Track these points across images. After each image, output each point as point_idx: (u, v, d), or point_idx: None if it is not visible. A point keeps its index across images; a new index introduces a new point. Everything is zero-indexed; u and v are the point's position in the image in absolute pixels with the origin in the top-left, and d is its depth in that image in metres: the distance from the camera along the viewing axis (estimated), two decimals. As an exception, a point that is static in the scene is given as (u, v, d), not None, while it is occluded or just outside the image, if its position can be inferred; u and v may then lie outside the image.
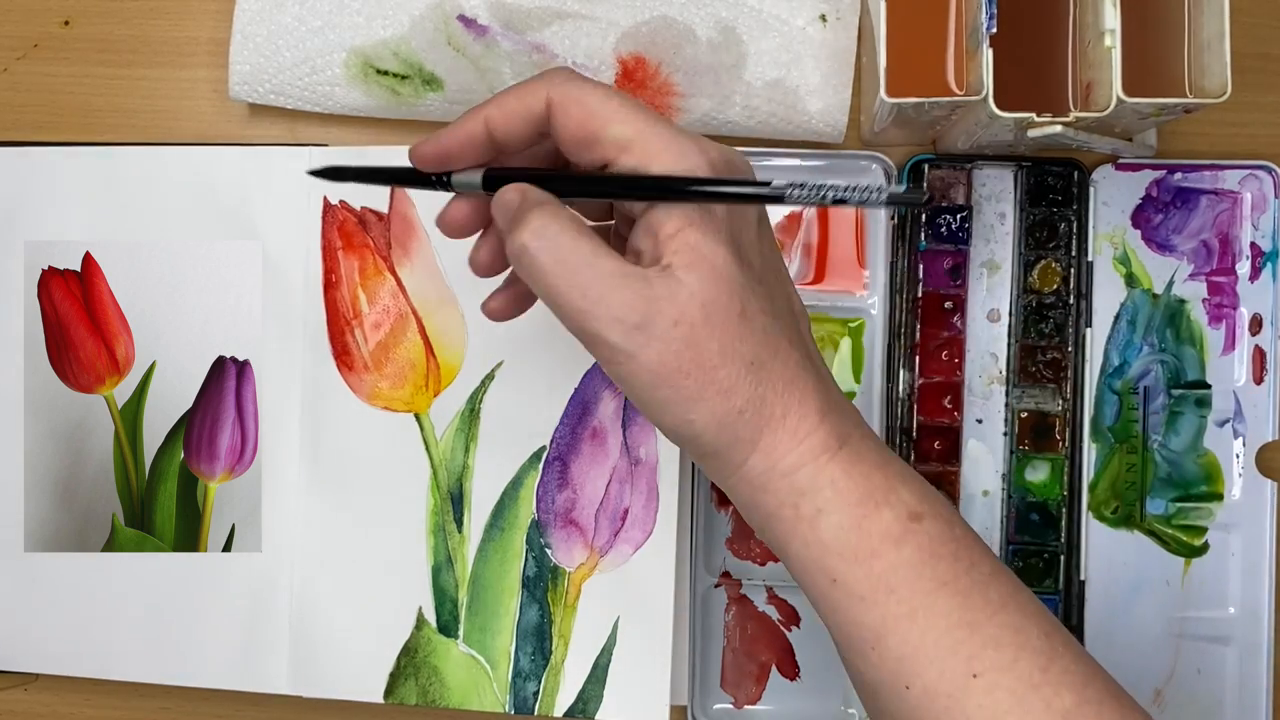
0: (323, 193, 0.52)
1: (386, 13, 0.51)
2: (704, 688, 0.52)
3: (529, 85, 0.36)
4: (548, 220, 0.34)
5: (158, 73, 0.54)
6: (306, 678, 0.51)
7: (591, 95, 0.35)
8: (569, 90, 0.35)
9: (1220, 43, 0.44)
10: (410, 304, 0.51)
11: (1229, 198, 0.51)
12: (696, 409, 0.34)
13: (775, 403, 0.35)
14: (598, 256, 0.34)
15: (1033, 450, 0.51)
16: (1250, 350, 0.51)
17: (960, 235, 0.50)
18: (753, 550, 0.52)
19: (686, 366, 0.34)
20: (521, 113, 0.36)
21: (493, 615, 0.51)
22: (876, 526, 0.35)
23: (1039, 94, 0.48)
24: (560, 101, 0.35)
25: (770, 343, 0.35)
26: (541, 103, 0.36)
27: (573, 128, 0.35)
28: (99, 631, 0.52)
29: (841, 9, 0.51)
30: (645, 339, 0.33)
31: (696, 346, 0.34)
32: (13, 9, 0.54)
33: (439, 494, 0.51)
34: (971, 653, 0.34)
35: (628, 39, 0.51)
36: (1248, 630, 0.51)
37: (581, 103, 0.35)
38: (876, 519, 0.35)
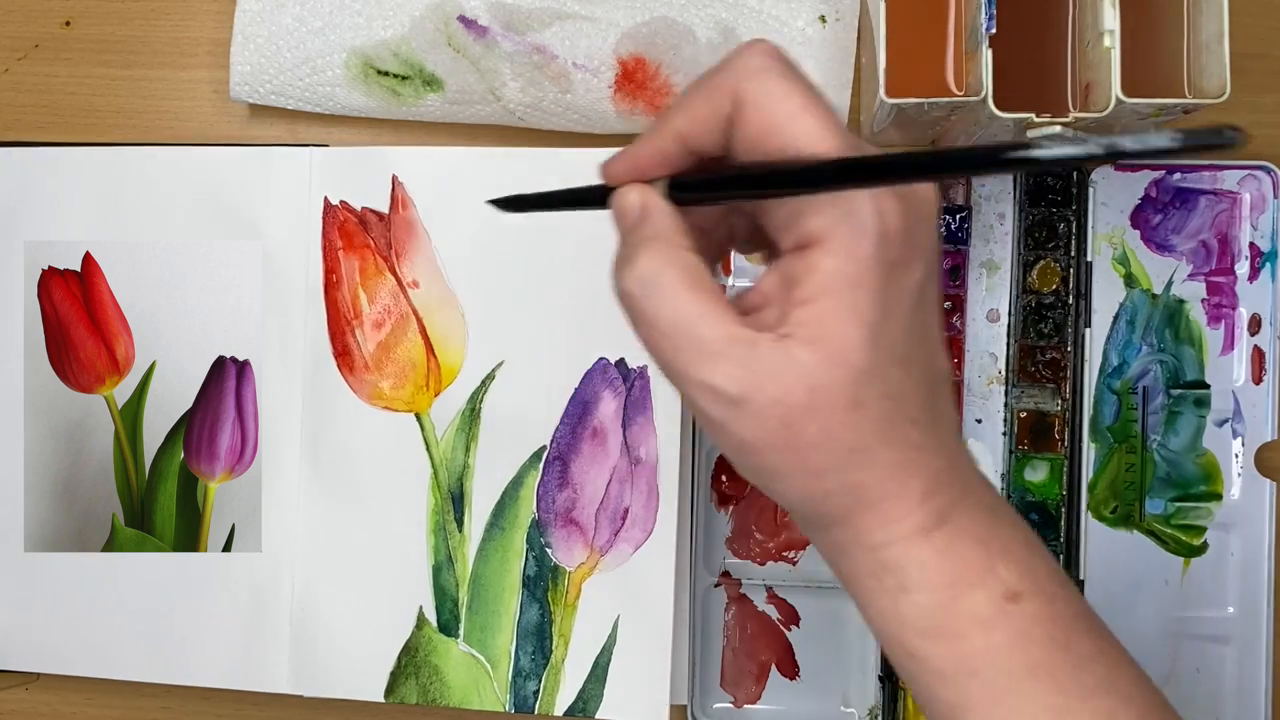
0: (323, 193, 0.52)
1: (387, 14, 0.51)
2: (704, 687, 0.52)
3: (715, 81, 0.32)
4: (659, 268, 0.32)
5: (158, 73, 0.54)
6: (307, 677, 0.51)
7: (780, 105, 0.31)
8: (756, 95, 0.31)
9: (1219, 43, 0.44)
10: (411, 304, 0.51)
11: (1228, 198, 0.51)
12: (781, 482, 0.32)
13: (872, 488, 0.32)
14: (705, 319, 0.31)
15: (1032, 450, 0.51)
16: (1249, 350, 0.51)
17: (959, 235, 0.50)
18: (753, 550, 0.53)
19: (777, 445, 0.31)
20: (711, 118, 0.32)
21: (493, 614, 0.51)
22: (965, 608, 0.32)
23: (1038, 95, 0.48)
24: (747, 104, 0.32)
25: (883, 429, 0.31)
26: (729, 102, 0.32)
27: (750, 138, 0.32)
28: (100, 631, 0.52)
29: (841, 10, 0.51)
30: (739, 413, 0.31)
31: (792, 428, 0.31)
32: (13, 9, 0.54)
33: (439, 494, 0.51)
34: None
35: (628, 40, 0.51)
36: (1246, 630, 0.51)
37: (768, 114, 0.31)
38: (966, 600, 0.32)
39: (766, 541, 0.53)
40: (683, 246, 0.32)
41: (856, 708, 0.52)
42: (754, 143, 0.31)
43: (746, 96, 0.31)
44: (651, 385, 0.50)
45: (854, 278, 0.30)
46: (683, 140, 0.33)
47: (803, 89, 0.31)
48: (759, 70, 0.31)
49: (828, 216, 0.30)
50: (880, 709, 0.51)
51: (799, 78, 0.32)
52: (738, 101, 0.31)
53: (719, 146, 0.33)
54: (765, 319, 0.32)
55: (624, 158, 0.34)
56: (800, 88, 0.31)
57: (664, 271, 0.32)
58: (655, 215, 0.33)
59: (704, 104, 0.32)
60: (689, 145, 0.33)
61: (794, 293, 0.31)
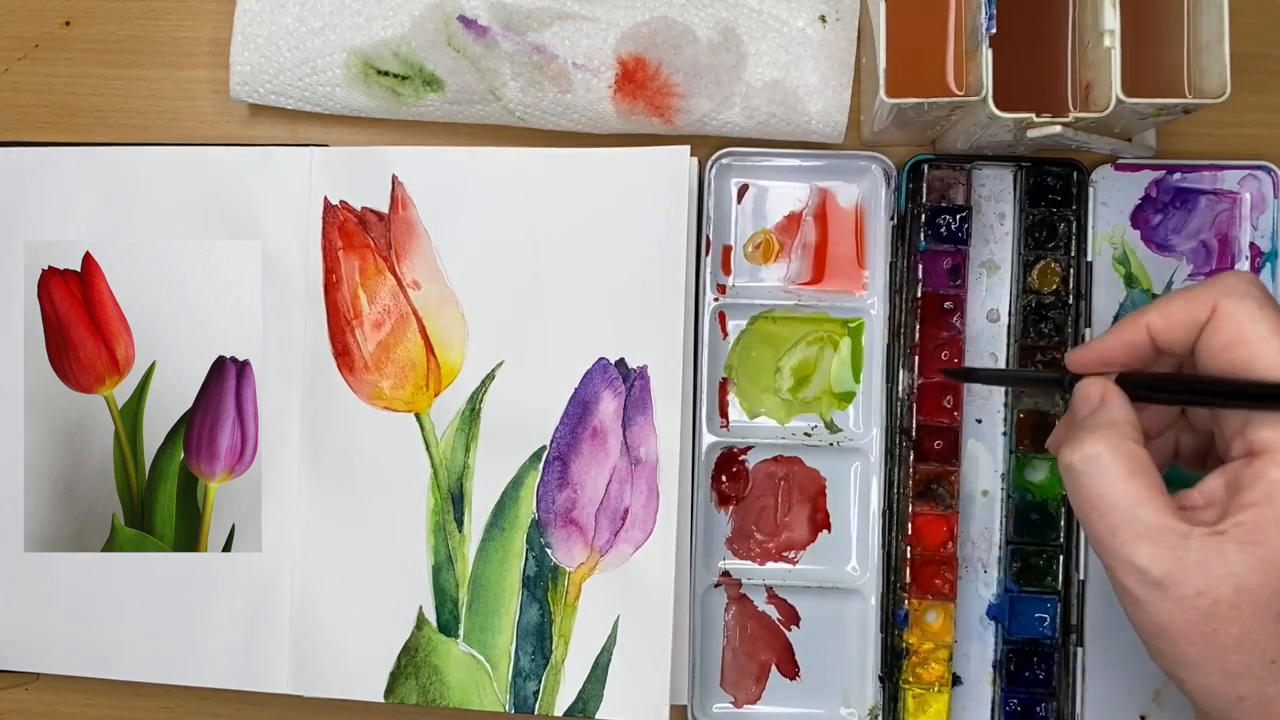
0: (323, 192, 0.52)
1: (387, 13, 0.51)
2: (704, 687, 0.52)
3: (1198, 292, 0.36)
4: (1104, 449, 0.34)
5: (158, 73, 0.54)
6: (307, 677, 0.51)
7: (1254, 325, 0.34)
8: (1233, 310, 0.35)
9: (1219, 43, 0.44)
10: (411, 304, 0.51)
11: (1228, 198, 0.51)
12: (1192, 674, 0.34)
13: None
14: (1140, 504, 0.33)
15: (1032, 450, 0.51)
16: (1249, 350, 0.51)
17: (960, 235, 0.50)
18: (753, 550, 0.53)
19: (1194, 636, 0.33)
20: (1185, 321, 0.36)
21: (493, 614, 0.51)
22: None
23: (1038, 94, 0.48)
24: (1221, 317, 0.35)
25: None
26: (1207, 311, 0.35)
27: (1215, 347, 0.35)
28: (99, 631, 0.52)
29: (841, 9, 0.51)
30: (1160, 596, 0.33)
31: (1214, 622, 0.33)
32: (13, 9, 0.54)
33: (439, 494, 0.51)
34: None
35: (628, 39, 0.51)
36: (1247, 630, 0.51)
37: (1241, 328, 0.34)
38: None
39: (766, 541, 0.53)
40: (1129, 437, 0.35)
41: (856, 708, 0.52)
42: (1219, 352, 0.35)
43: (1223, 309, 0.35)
44: (651, 385, 0.50)
45: None
46: (1153, 333, 0.37)
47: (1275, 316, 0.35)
48: (1242, 292, 0.35)
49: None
50: (880, 709, 0.51)
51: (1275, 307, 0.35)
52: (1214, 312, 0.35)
53: (1184, 349, 0.36)
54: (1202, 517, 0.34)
55: (1092, 348, 0.38)
56: (1273, 315, 0.35)
57: (1108, 454, 0.34)
58: (1111, 404, 0.36)
59: (1183, 308, 0.36)
60: (1158, 340, 0.37)
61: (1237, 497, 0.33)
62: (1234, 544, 0.32)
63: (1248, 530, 0.32)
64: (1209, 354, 0.35)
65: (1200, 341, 0.36)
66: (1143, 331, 0.37)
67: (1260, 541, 0.32)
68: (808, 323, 0.52)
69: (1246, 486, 0.33)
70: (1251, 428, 0.34)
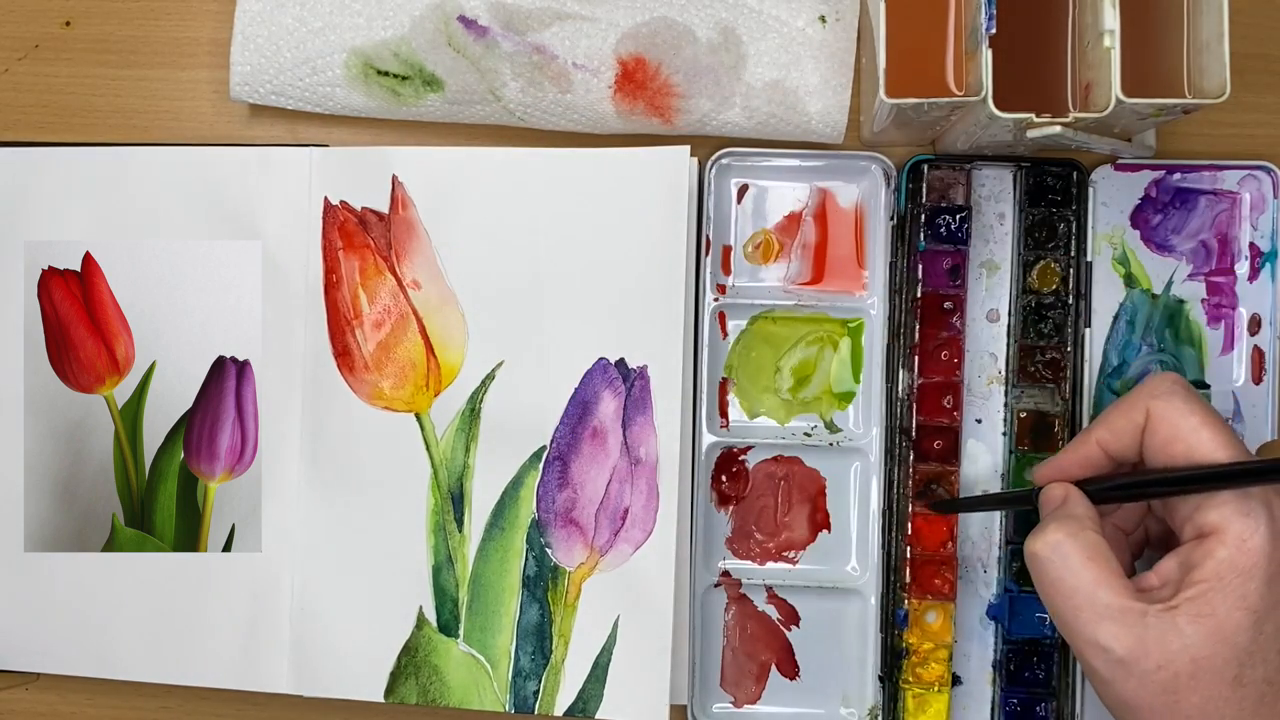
0: (323, 193, 0.52)
1: (387, 14, 0.51)
2: (704, 687, 0.52)
3: (1130, 400, 0.40)
4: (1064, 538, 0.38)
5: (158, 73, 0.54)
6: (307, 677, 0.51)
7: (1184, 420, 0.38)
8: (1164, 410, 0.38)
9: (1219, 43, 0.44)
10: (411, 304, 0.51)
11: (1228, 198, 0.51)
12: None
13: None
14: (1100, 586, 0.37)
15: (1032, 450, 0.51)
16: (1249, 350, 0.51)
17: (959, 235, 0.50)
18: (753, 550, 0.53)
19: (1159, 708, 0.35)
20: (1128, 428, 0.40)
21: (493, 614, 0.51)
22: None
23: (1038, 94, 0.48)
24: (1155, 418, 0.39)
25: (1264, 711, 0.35)
26: (1142, 414, 0.39)
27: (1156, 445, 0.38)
28: (99, 631, 0.52)
29: (841, 10, 0.51)
30: (1125, 674, 0.36)
31: (1175, 694, 0.35)
32: (13, 9, 0.54)
33: (439, 494, 0.51)
34: None
35: (628, 40, 0.51)
36: (1246, 630, 0.51)
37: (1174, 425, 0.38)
38: None
39: (766, 541, 0.53)
40: (1088, 528, 0.38)
41: (856, 708, 0.52)
42: (1160, 449, 0.38)
43: (1155, 411, 0.39)
44: (651, 385, 0.50)
45: (1245, 568, 0.35)
46: (1103, 447, 0.40)
47: (1202, 408, 0.38)
48: (1168, 392, 0.39)
49: (1225, 512, 0.36)
50: (880, 709, 0.51)
51: (1199, 400, 0.39)
52: (1148, 415, 0.39)
53: (1133, 453, 0.40)
54: (1159, 595, 0.37)
55: (1052, 464, 0.42)
56: (1200, 407, 0.38)
57: (1068, 541, 0.38)
58: (1072, 501, 0.40)
59: (1121, 417, 0.40)
60: (1108, 451, 0.40)
61: (1189, 575, 0.36)
62: (1186, 617, 0.35)
63: (1198, 604, 0.35)
64: (1152, 453, 0.39)
65: (1144, 445, 0.39)
66: (1094, 447, 0.41)
67: (1210, 614, 0.35)
68: (808, 323, 0.52)
69: (1197, 564, 0.36)
70: (1200, 512, 0.37)
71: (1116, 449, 0.40)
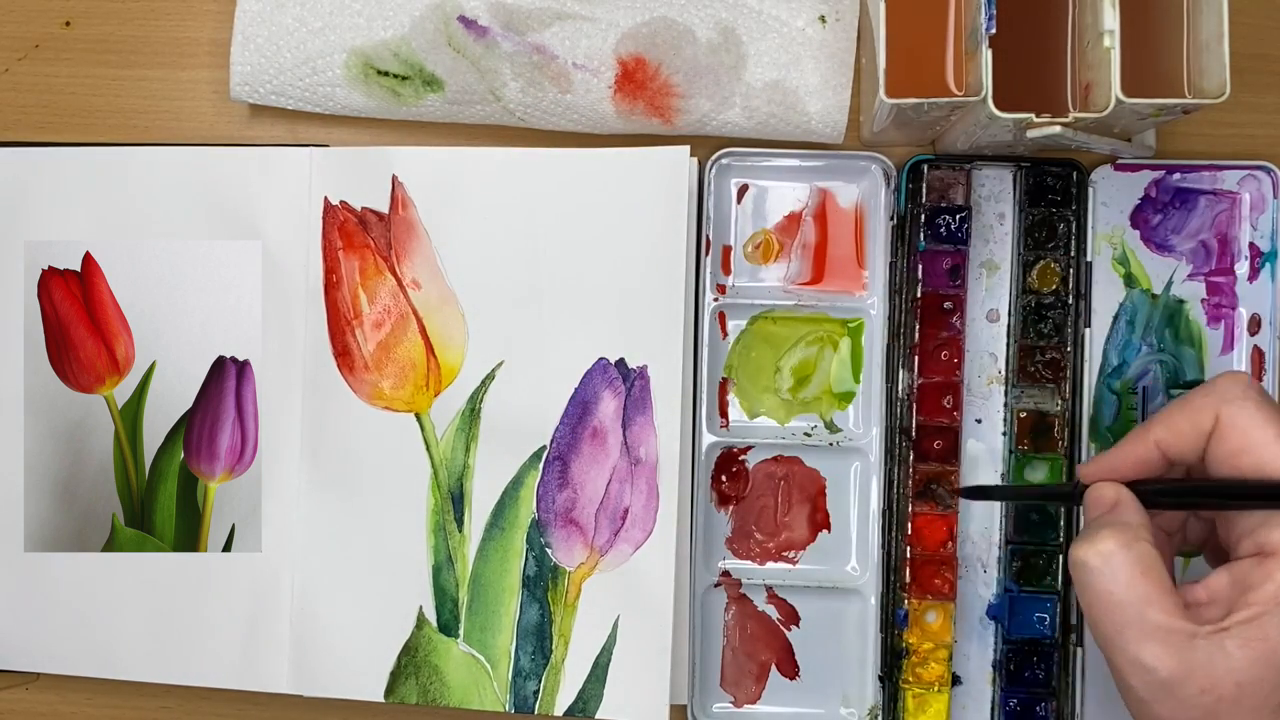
0: (323, 193, 0.52)
1: (387, 14, 0.51)
2: (704, 687, 0.52)
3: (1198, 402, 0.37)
4: (1116, 547, 0.36)
5: (158, 73, 0.54)
6: (307, 677, 0.51)
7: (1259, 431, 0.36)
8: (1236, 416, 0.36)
9: (1219, 43, 0.44)
10: (411, 304, 0.51)
11: (1228, 198, 0.51)
12: None
13: None
14: (1150, 604, 0.35)
15: (1032, 450, 0.51)
16: (1249, 350, 0.51)
17: (959, 235, 0.50)
18: (753, 550, 0.53)
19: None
20: (1191, 433, 0.37)
21: (493, 614, 0.51)
22: None
23: (1038, 94, 0.48)
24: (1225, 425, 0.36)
25: None
26: (1211, 420, 0.37)
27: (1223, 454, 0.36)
28: (100, 631, 0.52)
29: (841, 10, 0.51)
30: (1165, 695, 0.34)
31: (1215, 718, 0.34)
32: (13, 9, 0.54)
33: (439, 494, 0.51)
34: None
35: (628, 40, 0.51)
36: (1246, 630, 0.51)
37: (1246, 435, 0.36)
38: None
39: (766, 541, 0.53)
40: (1143, 538, 0.36)
41: (856, 708, 0.52)
42: (1227, 459, 0.36)
43: (1226, 418, 0.36)
44: (651, 385, 0.50)
45: None
46: (1162, 448, 0.38)
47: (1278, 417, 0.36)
48: (1241, 397, 0.36)
49: None
50: (880, 709, 0.51)
51: (1275, 408, 0.36)
52: (1218, 420, 0.36)
53: (1193, 458, 0.38)
54: (1207, 614, 0.35)
55: (1102, 461, 0.40)
56: (1276, 416, 0.36)
57: (1120, 553, 0.36)
58: (1126, 506, 0.37)
59: (1186, 420, 0.37)
60: (1167, 454, 0.38)
61: (1244, 595, 0.35)
62: (1236, 641, 0.34)
63: (1251, 628, 0.34)
64: (1218, 461, 0.37)
65: (1209, 451, 0.37)
66: (1151, 448, 0.38)
67: (1263, 638, 0.34)
68: (807, 323, 0.52)
69: (1255, 586, 0.35)
70: (1264, 529, 0.35)
71: (1176, 452, 0.38)
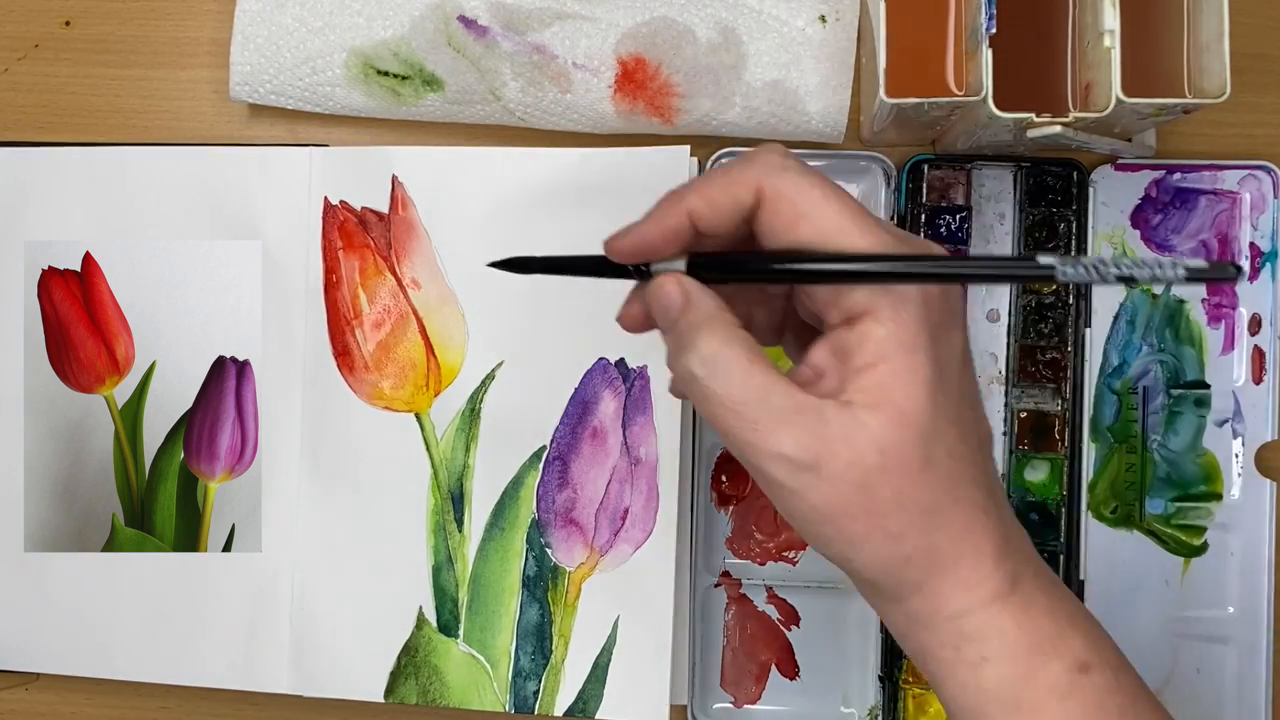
0: (323, 192, 0.52)
1: (387, 14, 0.51)
2: (704, 687, 0.52)
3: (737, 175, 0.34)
4: (718, 346, 0.33)
5: (158, 73, 0.54)
6: (307, 677, 0.51)
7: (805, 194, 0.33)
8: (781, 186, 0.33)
9: (1219, 43, 0.44)
10: (411, 304, 0.51)
11: (1228, 198, 0.51)
12: (861, 551, 0.33)
13: (948, 550, 0.33)
14: (770, 390, 0.32)
15: (1032, 450, 0.51)
16: (1249, 350, 0.51)
17: (960, 235, 0.50)
18: (753, 550, 0.53)
19: (855, 510, 0.32)
20: (730, 206, 0.34)
21: (493, 614, 0.51)
22: (1044, 679, 0.33)
23: (1038, 94, 0.48)
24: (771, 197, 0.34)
25: (952, 488, 0.33)
26: (751, 194, 0.34)
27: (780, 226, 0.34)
28: (99, 631, 0.52)
29: (841, 10, 0.51)
30: (814, 479, 0.32)
31: (868, 491, 0.32)
32: (13, 9, 0.54)
33: (439, 494, 0.51)
34: None
35: (628, 40, 0.51)
36: (1247, 630, 0.51)
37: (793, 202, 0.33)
38: (1045, 672, 0.33)
39: (766, 541, 0.53)
40: (735, 324, 0.34)
41: (856, 708, 0.52)
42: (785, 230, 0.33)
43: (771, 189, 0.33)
44: (651, 385, 0.50)
45: (908, 342, 0.32)
46: (694, 219, 0.34)
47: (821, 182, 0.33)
48: (782, 167, 0.34)
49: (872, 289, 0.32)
50: (880, 709, 0.51)
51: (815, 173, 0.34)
52: (761, 194, 0.33)
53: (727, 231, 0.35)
54: (824, 388, 0.33)
55: (631, 235, 0.36)
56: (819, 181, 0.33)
57: (725, 350, 0.33)
58: (699, 300, 0.34)
59: (724, 193, 0.34)
60: (697, 225, 0.35)
61: (850, 362, 0.32)
62: (865, 409, 0.32)
63: (873, 393, 0.32)
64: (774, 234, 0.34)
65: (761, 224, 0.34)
66: (683, 217, 0.35)
67: (887, 400, 0.32)
68: (808, 323, 0.52)
69: (856, 350, 0.32)
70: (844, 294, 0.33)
71: (708, 224, 0.34)
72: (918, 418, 0.32)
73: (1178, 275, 0.27)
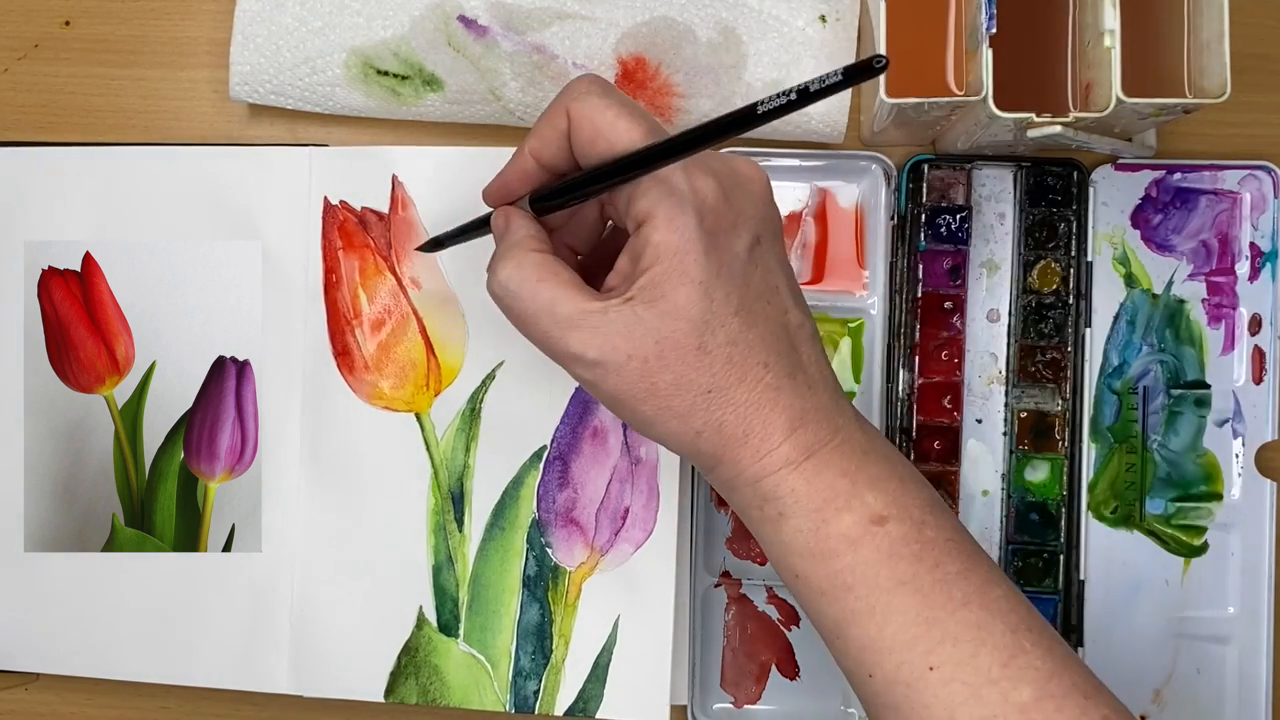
0: (323, 192, 0.52)
1: (387, 13, 0.51)
2: (704, 687, 0.52)
3: (553, 107, 0.39)
4: (511, 269, 0.38)
5: (158, 73, 0.54)
6: (307, 677, 0.51)
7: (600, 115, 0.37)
8: (583, 108, 0.37)
9: (1220, 43, 0.44)
10: (411, 304, 0.51)
11: (1228, 198, 0.51)
12: (656, 428, 0.38)
13: (735, 425, 0.37)
14: (557, 302, 0.37)
15: (1032, 450, 0.51)
16: (1249, 350, 0.51)
17: (960, 235, 0.50)
18: (753, 550, 0.52)
19: (641, 395, 0.37)
20: (555, 138, 0.39)
21: (493, 614, 0.51)
22: (835, 529, 0.37)
23: (1038, 94, 0.48)
24: (576, 119, 0.38)
25: (734, 370, 0.37)
26: (564, 120, 0.38)
27: (583, 147, 0.38)
28: (99, 631, 0.52)
29: (841, 10, 0.51)
30: (603, 372, 0.37)
31: (650, 378, 0.37)
32: (13, 9, 0.54)
33: (440, 493, 0.51)
34: (929, 647, 0.36)
35: (628, 39, 0.51)
36: (1247, 630, 0.51)
37: (592, 122, 0.37)
38: (835, 523, 0.37)
39: (766, 541, 0.52)
40: (532, 248, 0.38)
41: (856, 708, 0.52)
42: (587, 150, 0.38)
43: (575, 112, 0.38)
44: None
45: (679, 245, 0.36)
46: (535, 157, 0.40)
47: (618, 101, 0.37)
48: (585, 92, 0.38)
49: (652, 197, 0.36)
50: (880, 709, 0.51)
51: (616, 94, 0.38)
52: (570, 118, 0.38)
53: (564, 160, 0.39)
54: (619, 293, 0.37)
55: (495, 181, 0.41)
56: (615, 100, 0.37)
57: (516, 272, 0.38)
58: (514, 226, 0.40)
59: (547, 125, 0.39)
60: (543, 162, 0.40)
61: (638, 263, 0.37)
62: (641, 305, 0.36)
63: (648, 291, 0.36)
64: (583, 157, 0.38)
65: (575, 149, 0.38)
66: (527, 158, 0.40)
67: (660, 296, 0.36)
68: (808, 323, 0.52)
69: (640, 254, 0.36)
70: (633, 204, 0.37)
71: (549, 158, 0.39)
72: (689, 310, 0.36)
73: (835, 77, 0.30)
